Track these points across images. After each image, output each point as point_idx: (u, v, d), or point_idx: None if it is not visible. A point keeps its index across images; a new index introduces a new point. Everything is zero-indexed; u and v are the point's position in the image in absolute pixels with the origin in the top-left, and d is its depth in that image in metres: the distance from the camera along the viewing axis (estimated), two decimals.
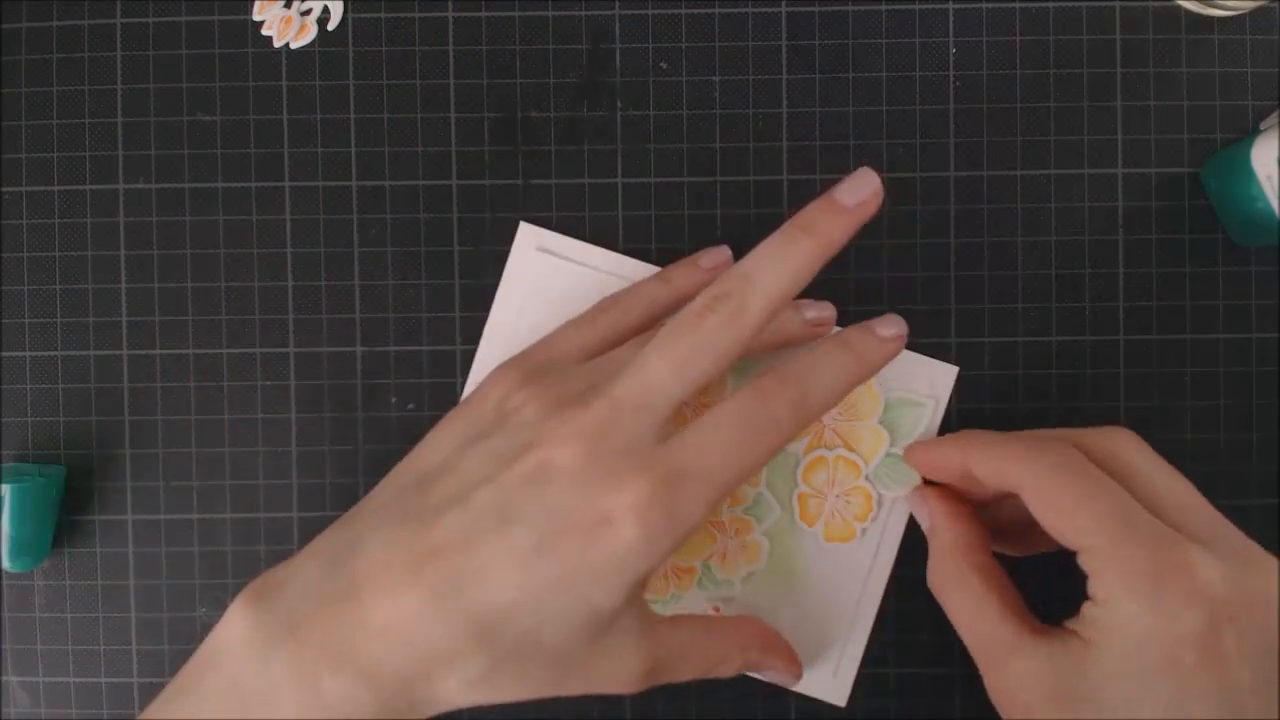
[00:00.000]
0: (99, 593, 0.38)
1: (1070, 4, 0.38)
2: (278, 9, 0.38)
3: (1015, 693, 0.30)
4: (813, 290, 0.37)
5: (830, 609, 0.37)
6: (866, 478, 0.37)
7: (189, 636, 0.38)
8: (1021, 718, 0.30)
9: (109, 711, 0.38)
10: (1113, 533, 0.29)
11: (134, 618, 0.38)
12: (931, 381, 0.38)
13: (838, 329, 0.37)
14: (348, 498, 0.38)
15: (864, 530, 0.37)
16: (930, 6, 0.38)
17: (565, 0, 0.38)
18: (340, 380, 0.38)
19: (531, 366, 0.33)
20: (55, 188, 0.39)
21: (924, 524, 0.36)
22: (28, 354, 0.38)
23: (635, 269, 0.38)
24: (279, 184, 0.38)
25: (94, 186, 0.39)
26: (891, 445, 0.37)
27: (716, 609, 0.37)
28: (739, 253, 0.32)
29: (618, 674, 0.30)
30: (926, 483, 0.36)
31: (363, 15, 0.38)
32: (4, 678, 0.38)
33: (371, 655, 0.28)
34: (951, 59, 0.38)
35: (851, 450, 0.37)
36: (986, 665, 0.31)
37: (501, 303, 0.38)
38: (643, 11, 0.38)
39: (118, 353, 0.38)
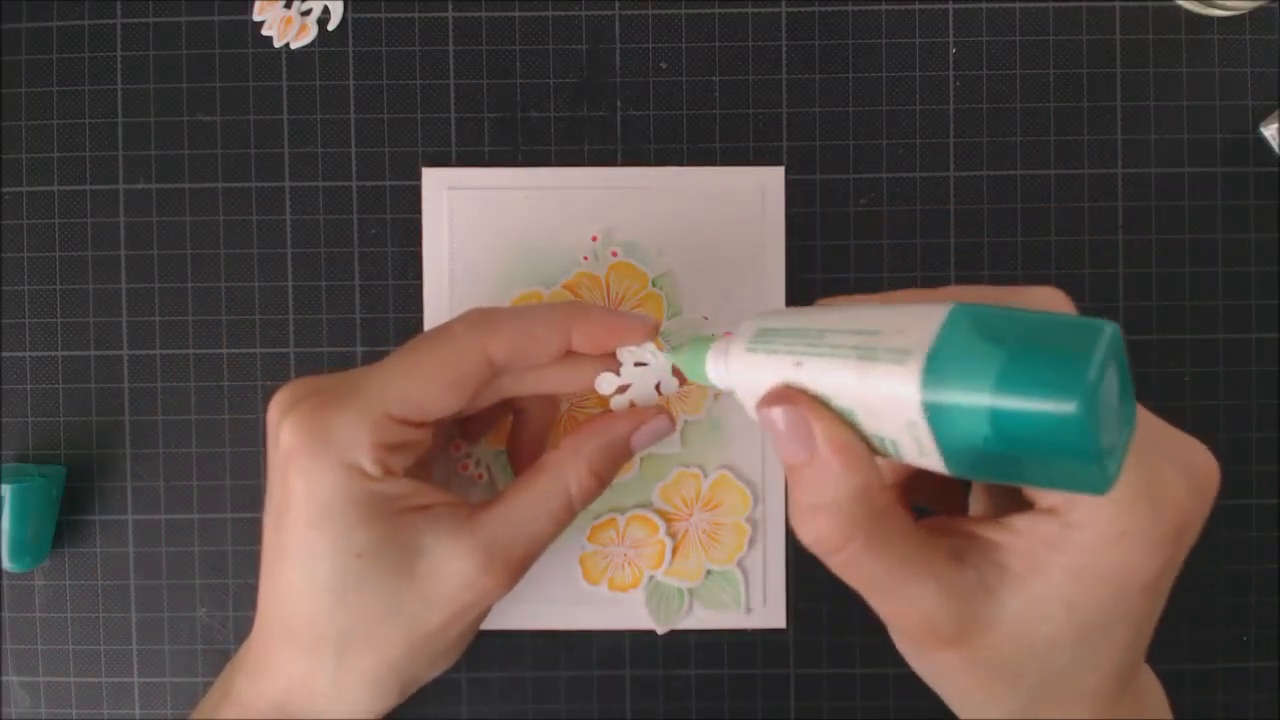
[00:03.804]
0: (99, 593, 0.38)
1: (1070, 4, 0.38)
2: (278, 9, 0.38)
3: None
4: (818, 289, 0.37)
5: None
6: None
7: (189, 636, 0.38)
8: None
9: (109, 711, 0.38)
10: None
11: (134, 618, 0.38)
12: None
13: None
14: None
15: None
16: (930, 6, 0.38)
17: (565, 0, 0.38)
18: None
19: None
20: (55, 188, 0.39)
21: (799, 454, 0.24)
22: (28, 354, 0.38)
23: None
24: (279, 184, 0.38)
25: (94, 186, 0.39)
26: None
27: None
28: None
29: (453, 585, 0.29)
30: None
31: (363, 15, 0.38)
32: (4, 678, 0.38)
33: None
34: (951, 59, 0.38)
35: None
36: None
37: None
38: (643, 11, 0.38)
39: (118, 353, 0.38)
